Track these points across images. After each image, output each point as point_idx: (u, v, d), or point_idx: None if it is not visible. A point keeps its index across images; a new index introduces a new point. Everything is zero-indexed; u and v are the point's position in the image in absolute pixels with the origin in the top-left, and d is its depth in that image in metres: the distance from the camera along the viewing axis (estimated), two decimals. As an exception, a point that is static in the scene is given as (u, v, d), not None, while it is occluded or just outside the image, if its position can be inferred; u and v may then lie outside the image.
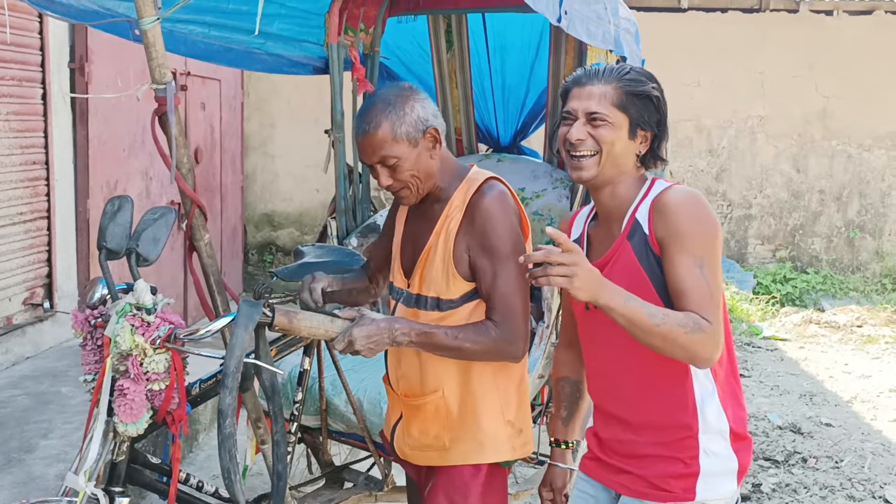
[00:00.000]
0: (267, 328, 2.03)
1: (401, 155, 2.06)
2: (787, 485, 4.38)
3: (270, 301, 2.06)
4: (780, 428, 5.17)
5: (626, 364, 1.91)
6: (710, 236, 1.79)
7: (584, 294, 1.68)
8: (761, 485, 4.36)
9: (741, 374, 6.22)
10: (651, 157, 1.94)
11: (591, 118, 1.88)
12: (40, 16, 4.96)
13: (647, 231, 1.84)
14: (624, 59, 3.52)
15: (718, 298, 1.78)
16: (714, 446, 1.88)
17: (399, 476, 2.83)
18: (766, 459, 4.69)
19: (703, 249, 1.77)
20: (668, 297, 1.81)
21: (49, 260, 5.24)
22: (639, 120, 1.89)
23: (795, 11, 9.07)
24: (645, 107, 1.89)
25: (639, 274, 1.84)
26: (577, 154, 1.89)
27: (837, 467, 4.61)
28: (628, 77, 1.90)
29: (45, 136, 5.14)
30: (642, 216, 1.86)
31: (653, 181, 1.93)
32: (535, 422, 3.33)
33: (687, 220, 1.78)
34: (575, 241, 2.05)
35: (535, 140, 4.43)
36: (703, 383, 1.88)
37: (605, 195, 1.94)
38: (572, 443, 2.25)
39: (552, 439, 2.26)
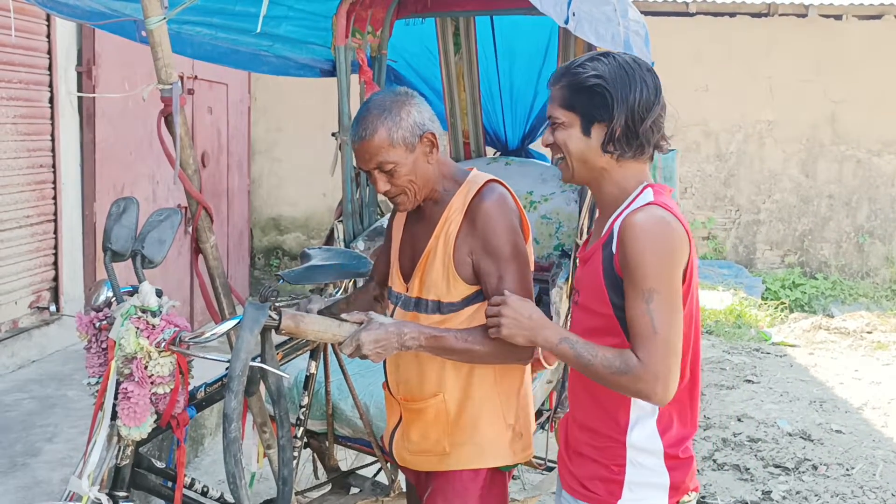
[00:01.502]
0: (273, 331, 2.01)
1: (397, 160, 2.05)
2: (797, 492, 4.34)
3: (277, 304, 2.04)
4: (790, 435, 5.12)
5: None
6: (662, 269, 1.71)
7: (519, 339, 1.88)
8: (771, 492, 4.32)
9: (749, 380, 6.20)
10: (617, 146, 1.81)
11: (552, 122, 1.88)
12: (48, 19, 4.96)
13: (613, 250, 1.79)
14: (633, 61, 3.49)
15: (667, 333, 1.71)
16: (643, 460, 1.85)
17: (405, 483, 2.80)
18: (776, 466, 4.65)
19: (653, 282, 1.70)
20: (622, 311, 1.79)
21: (55, 263, 5.23)
22: (589, 115, 1.81)
23: (804, 16, 9.03)
24: (591, 99, 1.80)
25: (600, 287, 1.82)
26: (554, 157, 1.91)
27: (848, 474, 4.57)
28: (572, 72, 1.83)
29: (52, 140, 5.14)
30: (617, 227, 1.80)
31: (644, 188, 1.83)
32: (542, 427, 3.30)
33: (640, 251, 1.71)
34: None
35: (543, 143, 4.40)
36: (642, 405, 1.83)
37: (597, 193, 1.92)
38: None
39: None
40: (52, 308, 5.18)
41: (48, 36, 5.02)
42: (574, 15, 2.68)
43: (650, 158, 1.88)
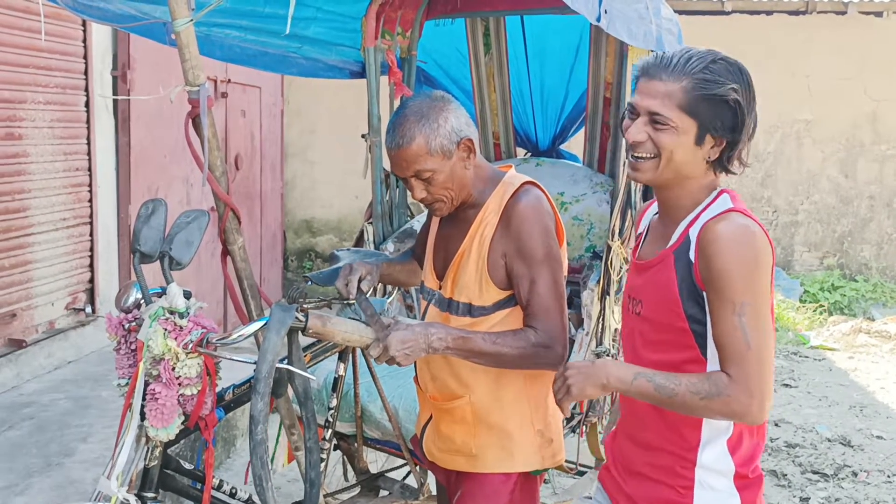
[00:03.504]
0: (301, 333, 2.00)
1: (435, 168, 2.02)
2: (836, 499, 4.24)
3: (304, 306, 2.03)
4: (829, 440, 5.01)
5: None
6: (751, 279, 1.61)
7: (591, 391, 1.72)
8: (810, 499, 4.22)
9: (787, 385, 6.08)
10: (720, 165, 1.73)
11: (653, 119, 1.70)
12: (84, 24, 5.03)
13: (692, 259, 1.68)
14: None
15: (760, 347, 1.62)
16: (712, 482, 1.75)
17: (435, 485, 2.78)
18: (815, 473, 4.55)
19: (744, 295, 1.61)
20: (702, 334, 1.70)
21: (91, 265, 5.30)
22: (709, 125, 1.68)
23: (843, 13, 8.85)
24: (718, 111, 1.66)
25: (673, 298, 1.71)
26: (636, 155, 1.74)
27: (890, 482, 4.45)
28: (702, 75, 1.66)
29: (88, 143, 5.22)
30: (694, 234, 1.69)
31: (719, 194, 1.74)
32: (574, 431, 3.26)
33: (728, 263, 1.61)
34: (641, 234, 1.96)
35: (575, 144, 4.36)
36: (715, 423, 1.73)
37: (667, 196, 1.79)
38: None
39: None
40: (88, 309, 5.25)
41: (84, 41, 5.09)
42: (606, 13, 2.65)
43: None
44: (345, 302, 2.93)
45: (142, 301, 2.20)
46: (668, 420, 1.77)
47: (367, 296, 2.23)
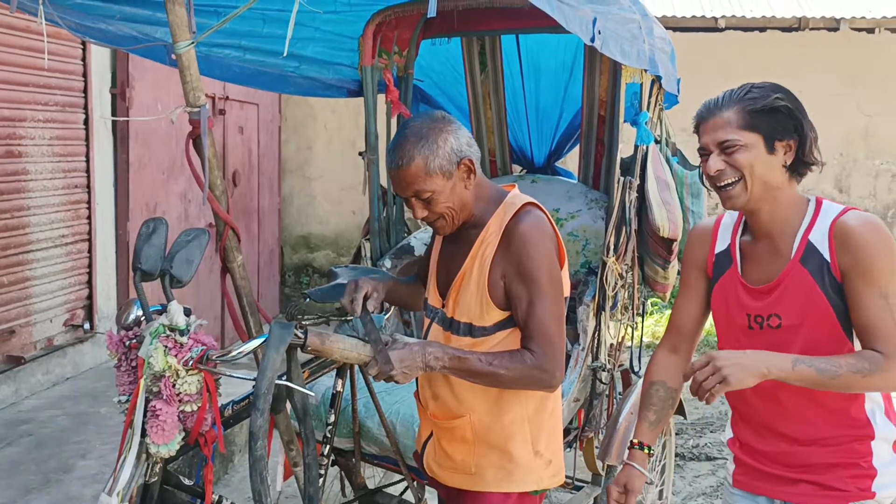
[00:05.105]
0: (299, 350, 2.03)
1: (435, 188, 2.04)
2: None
3: (303, 322, 2.05)
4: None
5: (788, 384, 1.84)
6: (894, 264, 1.81)
7: (750, 381, 1.74)
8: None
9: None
10: (800, 164, 1.92)
11: (723, 147, 1.89)
12: (83, 43, 5.08)
13: (828, 258, 1.85)
14: (659, 78, 3.49)
15: None
16: (882, 450, 1.92)
17: (432, 500, 2.79)
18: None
19: (887, 278, 1.79)
20: (849, 322, 1.85)
21: (90, 282, 5.33)
22: (772, 133, 1.88)
23: (836, 29, 8.93)
24: (774, 119, 1.88)
25: (818, 300, 1.86)
26: (722, 184, 1.91)
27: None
28: (748, 96, 1.90)
29: (87, 161, 5.25)
30: (818, 240, 1.86)
31: (819, 201, 1.93)
32: (570, 446, 3.28)
33: (872, 251, 1.80)
34: (721, 252, 2.07)
35: (570, 161, 4.40)
36: (874, 398, 1.91)
37: (763, 215, 1.95)
38: (654, 449, 2.15)
39: (635, 441, 2.13)
40: (87, 326, 5.27)
41: (83, 59, 5.14)
42: (600, 33, 2.70)
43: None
44: (343, 318, 2.96)
45: (142, 318, 2.23)
46: (829, 408, 1.91)
47: (372, 314, 2.24)
